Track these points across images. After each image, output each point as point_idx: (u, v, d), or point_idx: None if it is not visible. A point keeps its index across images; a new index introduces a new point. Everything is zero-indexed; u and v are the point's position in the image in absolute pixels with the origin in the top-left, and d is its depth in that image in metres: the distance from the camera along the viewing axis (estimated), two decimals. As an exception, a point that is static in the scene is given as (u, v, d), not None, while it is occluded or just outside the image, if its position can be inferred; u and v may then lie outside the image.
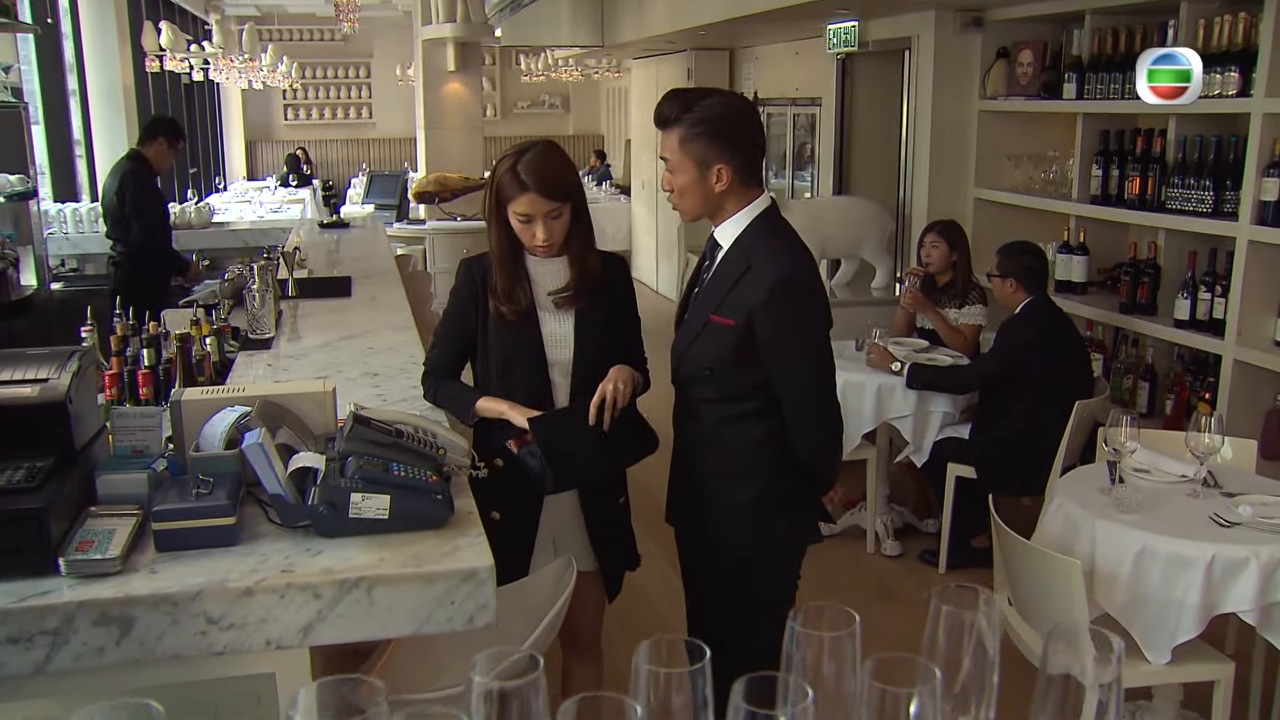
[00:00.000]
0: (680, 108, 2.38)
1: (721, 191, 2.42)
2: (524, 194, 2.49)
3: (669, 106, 2.40)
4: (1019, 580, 3.10)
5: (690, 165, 2.40)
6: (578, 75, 13.64)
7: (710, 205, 2.46)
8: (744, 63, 9.12)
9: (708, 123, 2.37)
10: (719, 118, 2.38)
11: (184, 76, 10.12)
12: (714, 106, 2.39)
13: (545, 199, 2.49)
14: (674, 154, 2.41)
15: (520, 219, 2.51)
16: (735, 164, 2.40)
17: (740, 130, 2.43)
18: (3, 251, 5.03)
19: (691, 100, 2.40)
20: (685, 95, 2.43)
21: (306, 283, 4.44)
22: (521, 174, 2.50)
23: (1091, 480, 3.33)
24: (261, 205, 10.14)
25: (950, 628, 0.96)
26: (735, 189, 2.43)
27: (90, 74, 8.12)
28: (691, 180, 2.41)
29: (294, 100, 16.25)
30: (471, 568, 1.83)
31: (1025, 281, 4.36)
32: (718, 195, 2.43)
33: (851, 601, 3.68)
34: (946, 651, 0.94)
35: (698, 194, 2.43)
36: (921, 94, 5.79)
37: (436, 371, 2.72)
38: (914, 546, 4.79)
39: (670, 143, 2.41)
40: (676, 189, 2.45)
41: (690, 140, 2.37)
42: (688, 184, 2.42)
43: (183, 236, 6.58)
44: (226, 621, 1.74)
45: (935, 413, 4.50)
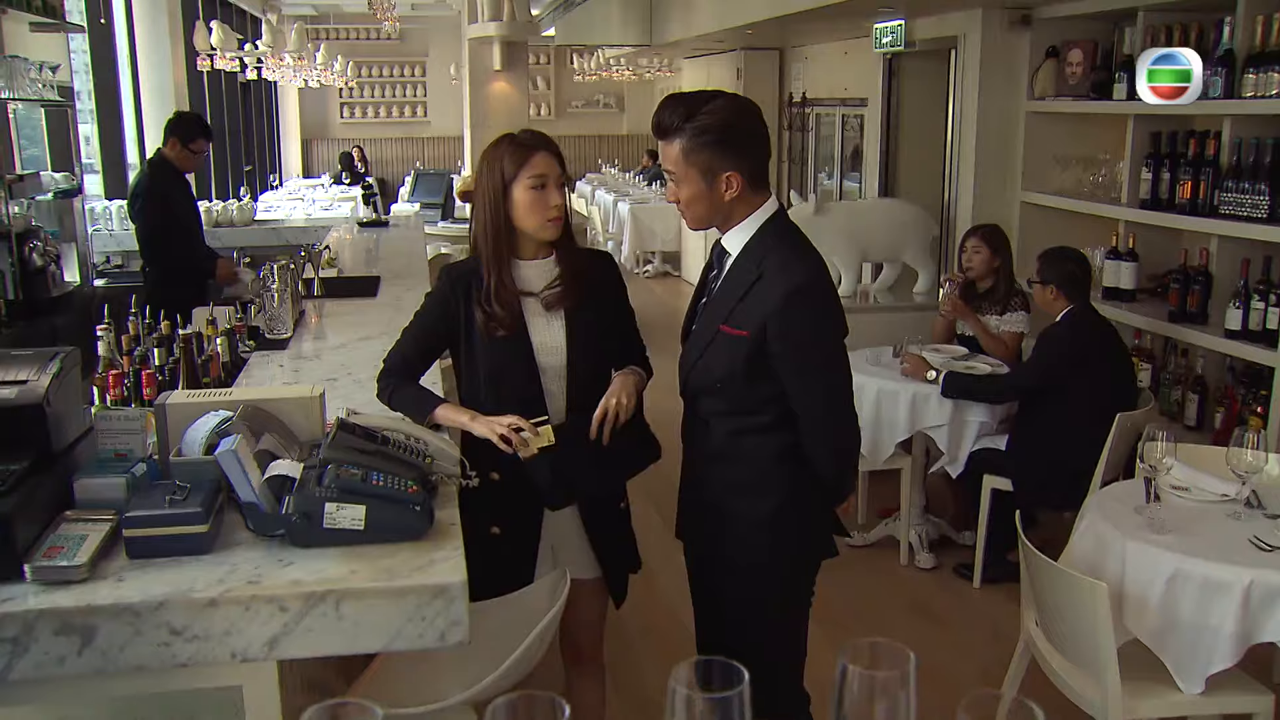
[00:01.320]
0: (681, 116, 2.27)
1: (731, 199, 2.31)
2: (535, 153, 2.43)
3: (668, 115, 2.29)
4: (1044, 602, 2.97)
5: (696, 176, 2.29)
6: (629, 75, 13.58)
7: (719, 214, 2.36)
8: (793, 62, 9.00)
9: (712, 130, 2.26)
10: (723, 124, 2.27)
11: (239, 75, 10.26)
12: (717, 112, 2.28)
13: (556, 160, 2.46)
14: (677, 166, 2.30)
15: (534, 185, 2.42)
16: (744, 169, 2.30)
17: (746, 134, 2.33)
18: (44, 248, 5.09)
19: (693, 107, 2.28)
20: (686, 101, 2.31)
21: (333, 282, 4.42)
22: (526, 140, 2.46)
23: (1126, 497, 3.19)
24: (313, 203, 10.21)
25: (861, 690, 0.86)
26: (744, 195, 2.33)
27: (143, 72, 8.23)
28: (698, 191, 2.31)
29: (350, 99, 16.40)
30: (443, 583, 1.77)
31: (1066, 289, 4.21)
32: (727, 203, 2.32)
33: (881, 614, 3.60)
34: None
35: (705, 204, 2.33)
36: (967, 94, 5.64)
37: (394, 372, 2.58)
38: (949, 559, 4.65)
39: (672, 153, 2.30)
40: (683, 200, 2.34)
41: (694, 150, 2.27)
42: (694, 196, 2.32)
43: (224, 234, 6.64)
44: (190, 633, 1.70)
45: (971, 422, 4.36)
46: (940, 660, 3.90)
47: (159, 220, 5.28)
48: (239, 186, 10.96)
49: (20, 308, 4.81)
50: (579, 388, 2.53)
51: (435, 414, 2.47)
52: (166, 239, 5.29)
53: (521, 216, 2.44)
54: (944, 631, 4.10)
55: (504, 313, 2.47)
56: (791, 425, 2.40)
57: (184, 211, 5.44)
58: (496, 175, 2.44)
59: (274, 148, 15.05)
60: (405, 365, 2.59)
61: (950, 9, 5.68)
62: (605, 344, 2.61)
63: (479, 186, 2.50)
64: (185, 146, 5.32)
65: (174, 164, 5.36)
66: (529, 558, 2.58)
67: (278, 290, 3.48)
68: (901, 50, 6.26)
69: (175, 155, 5.33)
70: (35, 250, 4.99)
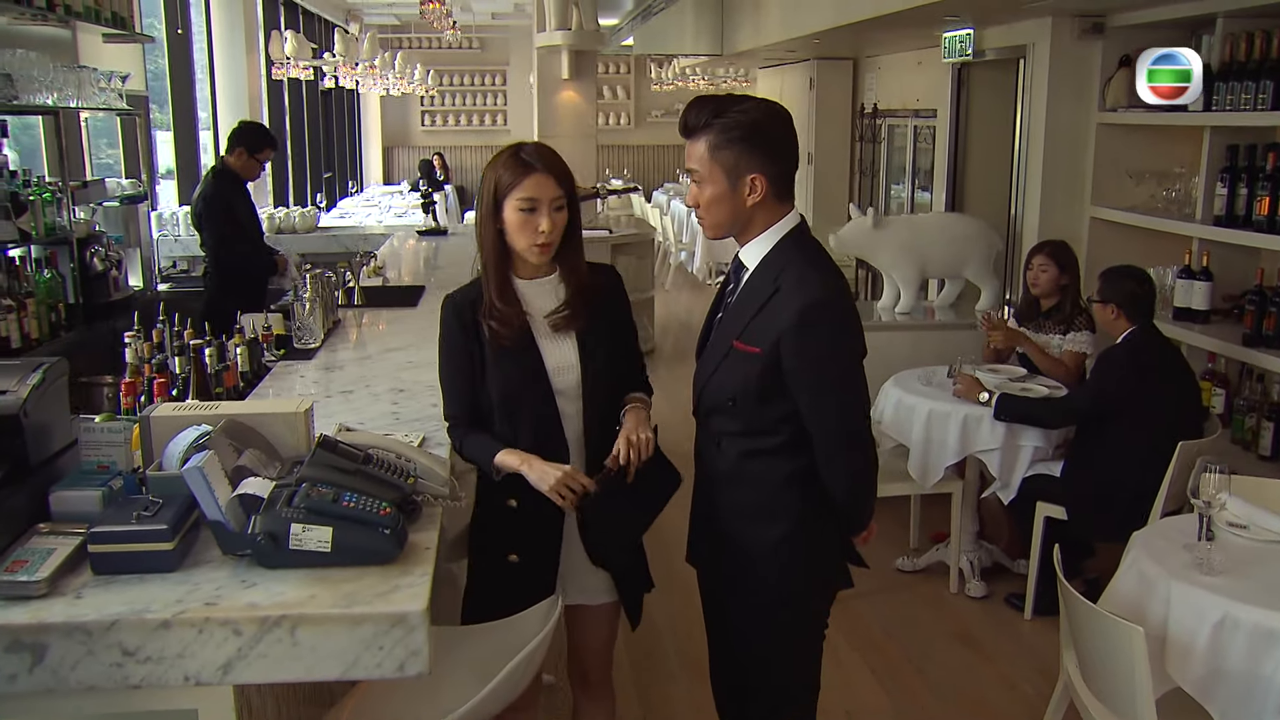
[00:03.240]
0: (710, 113, 2.18)
1: (753, 205, 2.21)
2: (529, 175, 2.32)
3: (695, 112, 2.20)
4: (1081, 644, 2.81)
5: (720, 175, 2.19)
6: (705, 85, 13.50)
7: (739, 220, 2.25)
8: (867, 72, 8.82)
9: (741, 128, 2.16)
10: (753, 124, 2.17)
11: (319, 83, 10.45)
12: (748, 112, 2.18)
13: (552, 181, 2.33)
14: (702, 163, 2.20)
15: (523, 208, 2.32)
16: (769, 173, 2.20)
17: (776, 138, 2.22)
18: (105, 253, 5.20)
19: (722, 106, 2.19)
20: (715, 100, 2.22)
21: (375, 291, 4.42)
22: (525, 157, 2.35)
23: (1177, 534, 3.00)
24: (387, 210, 10.32)
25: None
26: (767, 202, 2.23)
27: (219, 81, 8.41)
28: (721, 192, 2.21)
29: (431, 106, 16.60)
30: (401, 611, 1.71)
31: (1128, 309, 4.01)
32: (748, 209, 2.22)
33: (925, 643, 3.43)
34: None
35: (727, 207, 2.22)
36: (1035, 105, 5.43)
37: (461, 421, 2.48)
38: (1001, 588, 4.46)
39: (698, 150, 2.19)
40: (703, 203, 2.23)
41: (721, 147, 2.17)
42: (716, 196, 2.21)
43: (285, 240, 6.73)
44: (143, 654, 1.67)
45: (1025, 447, 4.17)
46: (982, 694, 3.74)
47: (224, 228, 5.36)
48: (315, 193, 11.16)
49: (80, 311, 4.90)
50: (594, 408, 2.45)
51: (496, 461, 2.36)
52: (231, 246, 5.37)
53: (511, 235, 2.35)
54: (989, 664, 3.93)
55: (506, 330, 2.39)
56: (805, 449, 2.29)
57: (247, 218, 5.51)
58: (491, 188, 2.36)
59: (355, 154, 15.31)
60: (462, 410, 2.47)
61: (1019, 17, 5.48)
62: (617, 362, 2.52)
63: (479, 196, 2.44)
64: (252, 156, 5.41)
65: (238, 172, 5.43)
66: (547, 585, 2.47)
67: (309, 299, 3.47)
68: (970, 60, 6.07)
69: (240, 164, 5.41)
70: (96, 255, 5.09)
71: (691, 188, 2.27)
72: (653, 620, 3.27)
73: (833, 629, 4.05)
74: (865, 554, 4.28)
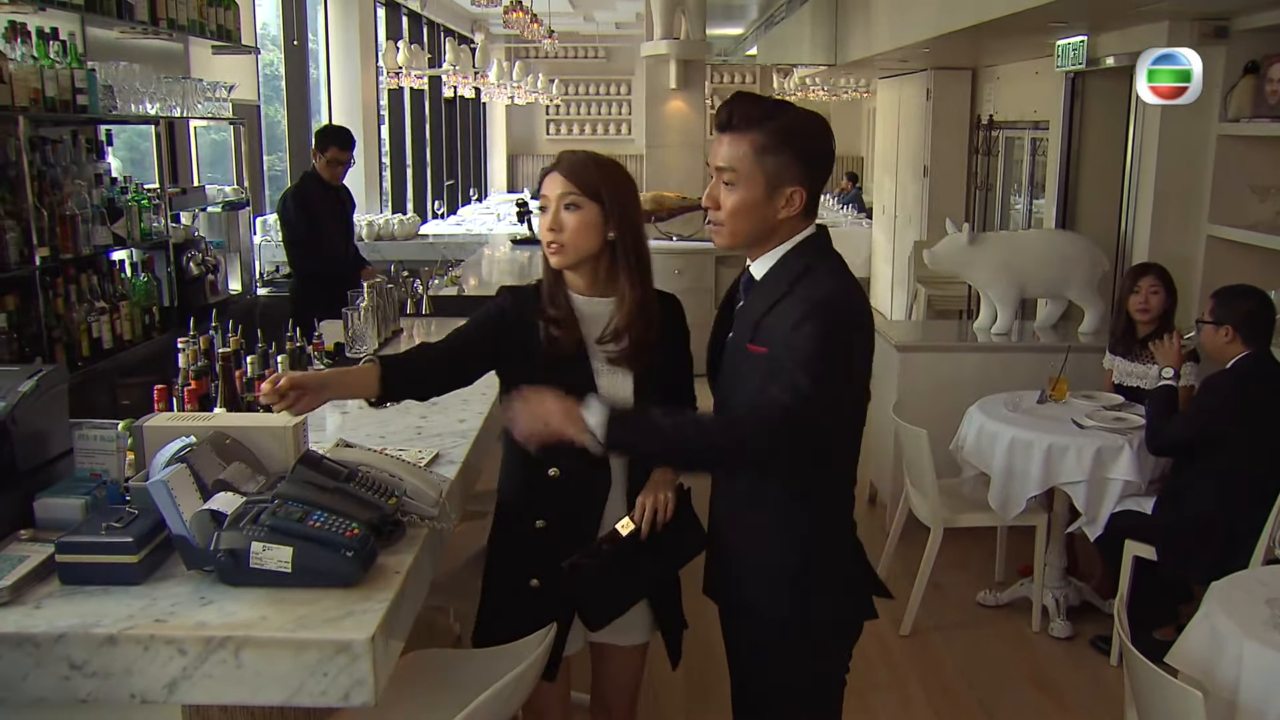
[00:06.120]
0: (763, 111, 2.02)
1: (783, 219, 2.05)
2: (548, 174, 2.29)
3: (745, 106, 2.02)
4: (1142, 702, 2.57)
5: (760, 181, 2.01)
6: (824, 95, 13.25)
7: (762, 232, 2.08)
8: (985, 83, 8.49)
9: (795, 135, 2.00)
10: (807, 132, 2.02)
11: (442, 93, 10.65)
12: (801, 119, 2.04)
13: (563, 178, 2.25)
14: (744, 163, 2.00)
15: (540, 209, 2.30)
16: (810, 188, 2.04)
17: (823, 152, 2.07)
18: (202, 258, 5.36)
19: (771, 108, 2.03)
20: (762, 101, 2.06)
21: (444, 301, 4.43)
22: (552, 163, 2.31)
23: (1260, 586, 2.74)
24: (504, 218, 10.44)
25: None
26: (796, 219, 2.07)
27: (335, 91, 8.64)
28: (755, 199, 2.02)
29: (556, 115, 16.77)
30: (346, 639, 1.65)
31: (1244, 331, 3.71)
32: (778, 222, 2.06)
33: (998, 685, 3.20)
34: None
35: (756, 216, 2.04)
36: (1150, 115, 5.09)
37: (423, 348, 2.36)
38: (1087, 629, 4.18)
39: (741, 149, 2.01)
40: (730, 207, 2.04)
41: (769, 151, 1.99)
42: (748, 203, 2.02)
43: (383, 247, 6.85)
44: (90, 669, 1.65)
45: (1114, 480, 3.90)
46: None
47: (300, 231, 5.41)
48: (435, 200, 11.38)
49: (175, 314, 5.07)
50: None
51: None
52: (306, 249, 5.41)
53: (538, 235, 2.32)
54: (1064, 712, 3.68)
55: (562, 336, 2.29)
56: (819, 472, 2.13)
57: (328, 223, 5.50)
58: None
59: (480, 163, 15.58)
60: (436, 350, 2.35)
61: (1133, 22, 5.15)
62: (673, 399, 2.38)
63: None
64: (322, 156, 5.42)
65: (320, 175, 5.48)
66: (567, 616, 2.35)
67: (365, 307, 3.48)
68: (1083, 69, 5.75)
69: (320, 167, 5.46)
70: (192, 260, 5.26)
71: (714, 188, 2.07)
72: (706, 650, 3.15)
73: (902, 664, 3.95)
74: (946, 587, 4.08)
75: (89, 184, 4.45)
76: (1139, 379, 4.26)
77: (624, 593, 2.33)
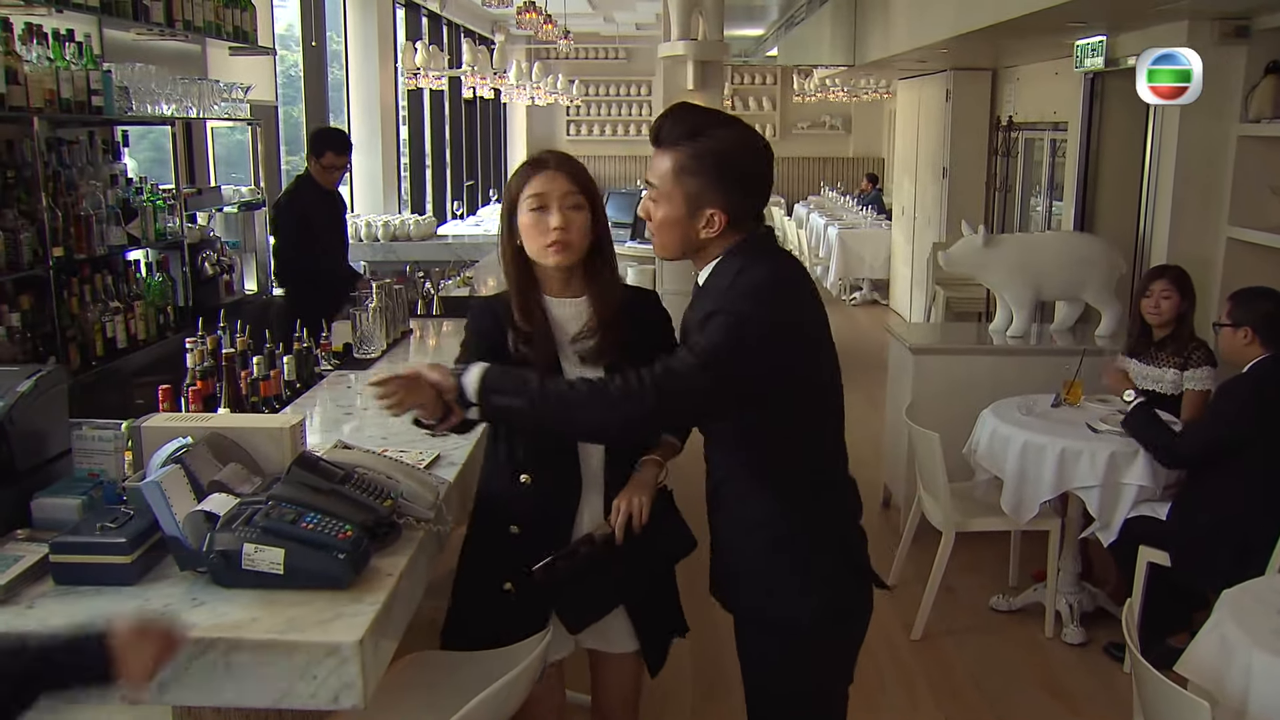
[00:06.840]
0: (685, 130, 2.02)
1: (706, 238, 2.06)
2: (537, 173, 2.21)
3: (671, 124, 2.04)
4: (1149, 711, 2.54)
5: (679, 200, 2.03)
6: (845, 96, 13.20)
7: (688, 248, 2.09)
8: (1005, 84, 8.43)
9: (713, 157, 2.00)
10: (726, 154, 2.01)
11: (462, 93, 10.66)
12: (725, 140, 2.02)
13: (565, 177, 2.21)
14: (664, 181, 2.03)
15: (533, 206, 2.20)
16: (732, 210, 2.03)
17: (748, 174, 2.06)
18: (217, 258, 5.39)
19: (701, 125, 2.03)
20: (695, 115, 2.07)
21: (454, 302, 4.42)
22: (536, 159, 2.26)
23: (1272, 594, 2.70)
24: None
25: None
26: (722, 235, 2.06)
27: (353, 92, 8.67)
28: (676, 217, 2.04)
29: (576, 116, 16.78)
30: (335, 642, 1.65)
31: (1263, 333, 3.67)
32: (700, 239, 2.06)
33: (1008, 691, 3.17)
34: None
35: (679, 233, 2.06)
36: (1169, 116, 5.03)
37: None
38: (1101, 635, 4.13)
39: (663, 166, 2.03)
40: (657, 221, 2.07)
41: (687, 172, 2.01)
42: (671, 220, 2.05)
43: (399, 248, 6.86)
44: (79, 669, 1.65)
45: (1129, 485, 3.85)
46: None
47: (292, 236, 5.24)
48: (454, 200, 11.41)
49: (190, 314, 5.09)
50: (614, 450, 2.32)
51: None
52: (298, 254, 5.23)
53: (526, 242, 2.23)
54: (1074, 719, 3.64)
55: (535, 353, 2.26)
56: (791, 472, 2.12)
57: (323, 229, 5.33)
58: (506, 199, 2.29)
59: (500, 163, 15.60)
60: None
61: (1152, 21, 5.10)
62: None
63: (500, 212, 2.35)
64: (317, 161, 5.26)
65: (316, 180, 5.31)
66: (541, 621, 2.32)
67: (373, 308, 3.48)
68: (1102, 69, 5.70)
69: (315, 171, 5.29)
70: (207, 260, 5.28)
71: (644, 201, 2.10)
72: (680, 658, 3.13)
73: (913, 668, 3.91)
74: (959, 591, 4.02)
75: (104, 184, 4.48)
76: (1154, 382, 4.21)
77: (602, 595, 2.31)
